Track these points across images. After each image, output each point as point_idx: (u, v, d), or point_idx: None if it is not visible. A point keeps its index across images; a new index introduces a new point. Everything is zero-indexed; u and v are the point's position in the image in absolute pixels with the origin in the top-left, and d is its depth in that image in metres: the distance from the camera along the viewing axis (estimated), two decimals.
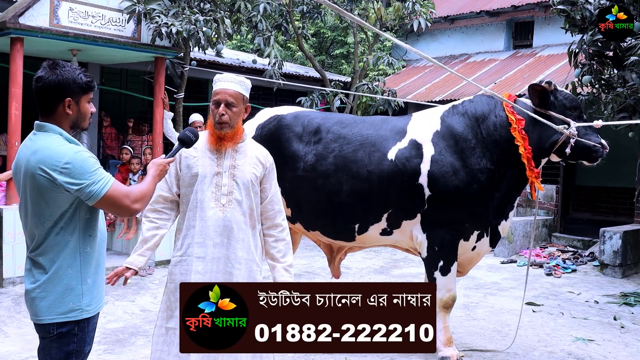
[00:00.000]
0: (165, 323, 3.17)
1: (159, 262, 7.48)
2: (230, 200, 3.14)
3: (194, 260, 3.11)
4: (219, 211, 3.12)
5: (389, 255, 9.15)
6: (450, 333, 4.68)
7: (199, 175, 3.14)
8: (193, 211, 3.14)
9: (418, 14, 10.68)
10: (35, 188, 2.41)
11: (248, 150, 3.25)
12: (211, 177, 3.14)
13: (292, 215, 4.96)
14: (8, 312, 5.67)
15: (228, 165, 3.17)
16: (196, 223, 3.13)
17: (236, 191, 3.15)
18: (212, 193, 3.12)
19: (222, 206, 3.12)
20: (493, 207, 4.59)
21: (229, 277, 3.13)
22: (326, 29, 15.96)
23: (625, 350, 5.18)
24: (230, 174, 3.16)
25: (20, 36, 6.83)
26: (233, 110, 3.14)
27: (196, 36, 7.71)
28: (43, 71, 2.47)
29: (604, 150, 4.54)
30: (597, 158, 4.57)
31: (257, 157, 3.26)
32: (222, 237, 3.12)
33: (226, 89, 3.15)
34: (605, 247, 8.45)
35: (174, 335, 3.11)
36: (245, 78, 3.28)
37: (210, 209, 3.11)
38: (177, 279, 3.14)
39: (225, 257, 3.13)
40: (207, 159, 3.16)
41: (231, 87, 3.16)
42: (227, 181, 3.15)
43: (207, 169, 3.15)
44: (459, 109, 4.68)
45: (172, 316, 3.15)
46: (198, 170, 3.14)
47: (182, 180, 3.19)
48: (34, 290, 2.45)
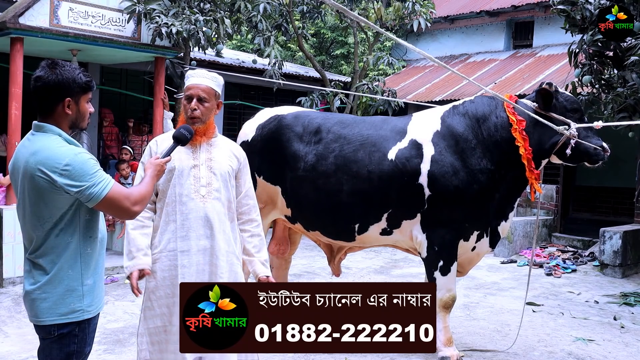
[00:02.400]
0: (151, 324, 3.14)
1: None
2: (210, 192, 3.14)
3: (178, 255, 3.09)
4: (199, 202, 3.11)
5: (389, 255, 9.14)
6: (450, 333, 4.68)
7: (176, 169, 3.13)
8: (172, 205, 3.13)
9: (418, 14, 10.68)
10: (35, 189, 2.40)
11: (222, 144, 3.28)
12: (188, 170, 3.14)
13: (293, 215, 4.96)
14: (8, 312, 5.67)
15: (204, 158, 3.18)
16: (176, 217, 3.11)
17: (214, 182, 3.16)
18: (191, 185, 3.12)
19: (202, 197, 3.12)
20: (493, 208, 4.59)
21: (215, 269, 3.12)
22: (326, 29, 15.96)
23: (625, 350, 5.18)
24: (207, 166, 3.17)
25: (20, 36, 6.83)
26: (205, 106, 3.16)
27: (196, 36, 7.71)
28: (42, 71, 2.45)
29: (605, 153, 4.54)
30: (598, 161, 4.57)
31: (231, 150, 3.30)
32: (205, 228, 3.12)
33: (198, 84, 3.17)
34: (605, 247, 8.45)
35: (164, 334, 3.10)
36: (218, 74, 3.30)
37: (190, 201, 3.11)
38: (159, 276, 3.12)
39: (210, 248, 3.13)
40: (182, 153, 3.16)
41: (204, 82, 3.17)
42: (205, 173, 3.16)
43: (183, 162, 3.15)
44: (460, 109, 4.68)
45: (154, 315, 3.13)
46: (174, 164, 3.13)
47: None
48: (35, 291, 2.45)
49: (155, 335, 3.12)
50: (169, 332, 3.09)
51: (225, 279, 3.14)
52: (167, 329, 3.10)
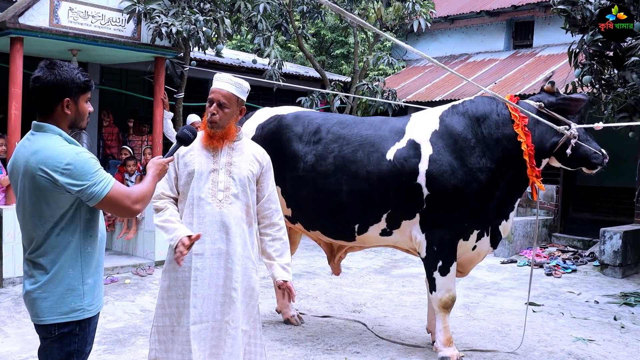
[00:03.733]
0: (159, 322, 3.16)
1: (159, 262, 7.47)
2: (227, 196, 3.14)
3: (192, 257, 3.09)
4: (215, 207, 3.12)
5: (389, 255, 9.14)
6: (450, 333, 4.68)
7: (195, 172, 3.14)
8: (189, 208, 3.15)
9: (418, 14, 10.67)
10: (36, 189, 2.39)
11: (245, 148, 3.27)
12: (207, 174, 3.15)
13: (293, 215, 4.96)
14: (8, 312, 5.66)
15: (224, 162, 3.18)
16: (193, 220, 3.13)
17: (233, 187, 3.16)
18: (208, 189, 3.13)
19: (219, 202, 3.13)
20: (493, 207, 4.59)
21: (230, 274, 3.12)
22: (326, 29, 15.95)
23: (625, 350, 5.18)
24: (226, 171, 3.17)
25: (20, 36, 6.82)
26: (224, 111, 3.16)
27: (196, 36, 7.71)
28: (41, 71, 2.45)
29: (603, 159, 4.54)
30: (596, 165, 4.56)
31: (253, 154, 3.28)
32: (221, 232, 3.12)
33: (221, 89, 3.17)
34: (605, 247, 8.45)
35: (171, 334, 3.11)
36: (244, 80, 3.28)
37: (207, 205, 3.12)
38: (172, 276, 3.13)
39: (226, 252, 3.13)
40: (203, 156, 3.17)
41: (226, 87, 3.17)
42: (224, 177, 3.15)
43: (203, 166, 3.16)
44: (459, 108, 4.68)
45: (164, 314, 3.14)
46: (194, 167, 3.15)
47: (179, 178, 3.20)
48: (35, 291, 2.45)
49: (163, 334, 3.14)
50: (176, 333, 3.10)
51: (239, 283, 3.14)
52: (174, 329, 3.11)
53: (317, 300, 6.42)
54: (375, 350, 4.85)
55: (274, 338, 5.06)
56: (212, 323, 3.10)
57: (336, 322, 5.62)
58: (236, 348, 3.12)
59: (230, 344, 3.10)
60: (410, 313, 6.03)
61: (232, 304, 3.11)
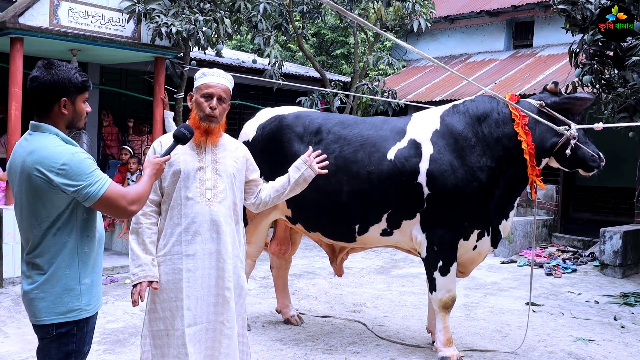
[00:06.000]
0: (154, 326, 3.10)
1: None
2: (216, 195, 3.12)
3: (183, 258, 3.06)
4: (205, 206, 3.08)
5: (389, 255, 9.14)
6: (450, 333, 4.67)
7: (182, 171, 3.10)
8: (177, 209, 3.09)
9: (418, 14, 10.67)
10: (32, 189, 2.39)
11: (226, 144, 3.27)
12: (194, 173, 3.11)
13: (293, 215, 4.96)
14: (8, 312, 5.66)
15: (210, 159, 3.16)
16: (181, 221, 3.08)
17: (220, 184, 3.14)
18: (197, 188, 3.09)
19: (208, 200, 3.09)
20: (494, 206, 4.58)
21: (222, 273, 3.10)
22: (326, 29, 15.95)
23: (625, 351, 5.17)
24: (213, 168, 3.15)
25: (20, 36, 6.83)
26: (223, 106, 3.17)
27: (196, 36, 7.71)
28: (38, 71, 2.45)
29: (600, 162, 4.54)
30: (593, 168, 4.56)
31: (235, 147, 3.29)
32: (212, 231, 3.09)
33: (219, 84, 3.16)
34: (605, 247, 8.45)
35: (166, 337, 3.07)
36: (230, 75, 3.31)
37: (196, 204, 3.08)
38: (163, 279, 3.07)
39: (217, 252, 3.10)
40: (187, 155, 3.13)
41: (224, 82, 3.18)
42: (211, 175, 3.13)
43: (189, 164, 3.11)
44: (460, 108, 4.67)
45: (157, 318, 3.09)
46: (180, 166, 3.10)
47: (163, 179, 3.13)
48: (33, 291, 2.44)
49: (158, 339, 3.09)
50: (171, 336, 3.05)
51: (231, 282, 3.12)
52: (169, 333, 3.06)
53: (317, 300, 6.42)
54: (375, 350, 4.85)
55: (274, 338, 5.06)
56: (206, 324, 3.07)
57: (336, 322, 5.62)
58: (232, 348, 3.10)
59: (226, 345, 3.09)
60: (411, 313, 6.03)
61: (226, 303, 3.09)
